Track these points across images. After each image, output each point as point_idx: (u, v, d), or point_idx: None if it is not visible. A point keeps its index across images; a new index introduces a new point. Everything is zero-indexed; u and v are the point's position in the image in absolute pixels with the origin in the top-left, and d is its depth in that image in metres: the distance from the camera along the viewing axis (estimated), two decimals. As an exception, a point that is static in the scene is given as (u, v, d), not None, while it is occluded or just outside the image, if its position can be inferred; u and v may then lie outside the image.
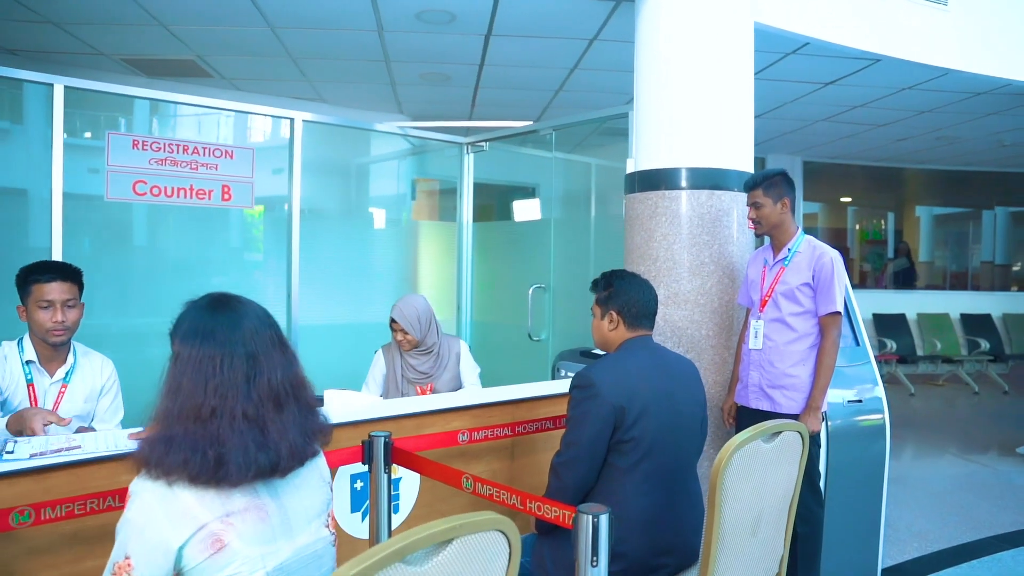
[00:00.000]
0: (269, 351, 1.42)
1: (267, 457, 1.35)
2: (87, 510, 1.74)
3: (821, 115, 7.07)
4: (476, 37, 4.83)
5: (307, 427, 1.45)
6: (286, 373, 1.43)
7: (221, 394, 1.34)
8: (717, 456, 1.92)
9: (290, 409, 1.42)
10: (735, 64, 3.56)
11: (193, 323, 1.41)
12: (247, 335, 1.40)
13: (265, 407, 1.38)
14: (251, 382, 1.37)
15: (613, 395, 2.14)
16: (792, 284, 3.05)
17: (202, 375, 1.35)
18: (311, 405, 1.50)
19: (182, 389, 1.35)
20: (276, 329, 1.48)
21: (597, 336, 2.44)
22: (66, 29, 4.77)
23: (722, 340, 3.51)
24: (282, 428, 1.38)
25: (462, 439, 2.40)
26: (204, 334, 1.39)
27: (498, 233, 5.38)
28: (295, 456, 1.41)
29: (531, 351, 4.69)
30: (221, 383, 1.35)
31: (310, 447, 1.47)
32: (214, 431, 1.32)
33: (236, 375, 1.36)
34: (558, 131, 4.61)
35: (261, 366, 1.39)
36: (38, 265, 2.50)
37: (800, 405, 3.01)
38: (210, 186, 3.95)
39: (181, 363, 1.38)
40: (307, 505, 1.47)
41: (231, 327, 1.40)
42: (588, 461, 2.16)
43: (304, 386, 1.48)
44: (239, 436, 1.33)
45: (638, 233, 3.63)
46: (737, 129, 3.59)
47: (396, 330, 3.30)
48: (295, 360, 1.48)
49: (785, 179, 3.12)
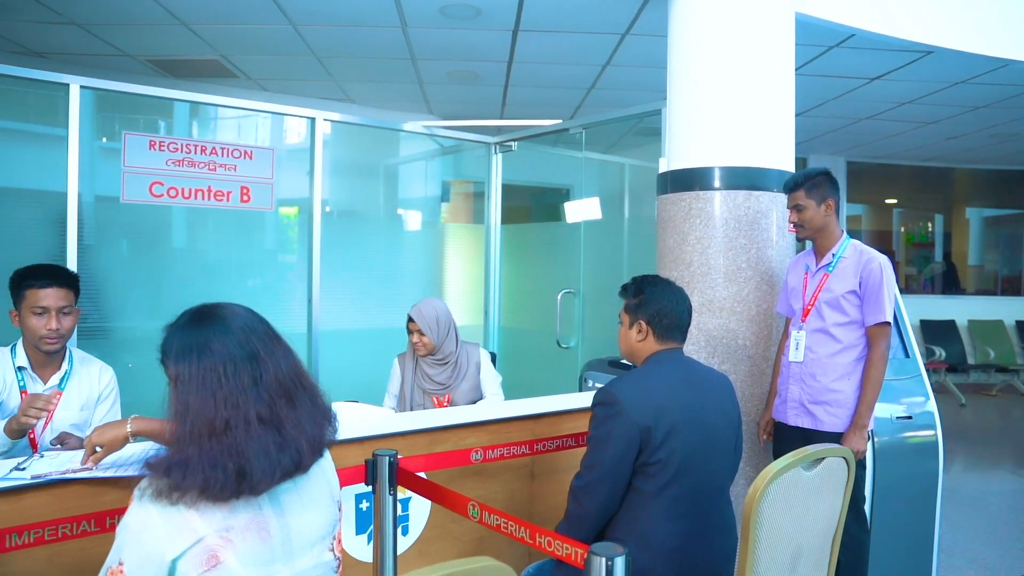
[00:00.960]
0: (268, 346, 1.38)
1: (289, 456, 1.32)
2: (58, 536, 1.61)
3: (866, 112, 6.77)
4: (503, 33, 4.68)
5: (318, 414, 1.42)
6: (289, 363, 1.40)
7: (232, 403, 1.30)
8: (752, 485, 1.73)
9: (302, 399, 1.39)
10: (775, 55, 3.36)
11: (183, 341, 1.35)
12: (241, 337, 1.35)
13: (278, 404, 1.34)
14: (259, 383, 1.33)
15: (638, 413, 1.97)
16: (837, 292, 2.84)
17: (208, 389, 1.30)
18: (315, 391, 1.46)
19: (191, 408, 1.30)
20: (266, 323, 1.44)
21: (623, 346, 2.26)
22: (90, 30, 4.73)
23: (760, 350, 3.31)
24: (298, 422, 1.35)
25: (475, 458, 2.23)
26: (199, 349, 1.33)
27: (527, 236, 5.21)
28: (315, 447, 1.38)
29: (559, 359, 4.52)
30: (230, 392, 1.30)
31: (326, 433, 1.44)
32: (231, 443, 1.28)
33: (242, 380, 1.32)
34: (588, 129, 4.42)
35: (264, 364, 1.35)
36: (33, 269, 2.39)
37: (844, 423, 2.81)
38: (228, 187, 3.85)
39: (183, 383, 1.32)
40: (313, 526, 1.41)
41: (223, 334, 1.35)
42: (610, 485, 2.00)
43: (304, 373, 1.45)
44: (257, 441, 1.29)
45: (671, 236, 3.44)
46: (777, 125, 3.39)
47: (412, 331, 3.17)
48: (291, 350, 1.44)
49: (829, 179, 2.91)
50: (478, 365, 3.26)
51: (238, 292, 4.19)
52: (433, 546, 2.35)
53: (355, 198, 4.90)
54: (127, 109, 3.83)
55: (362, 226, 4.68)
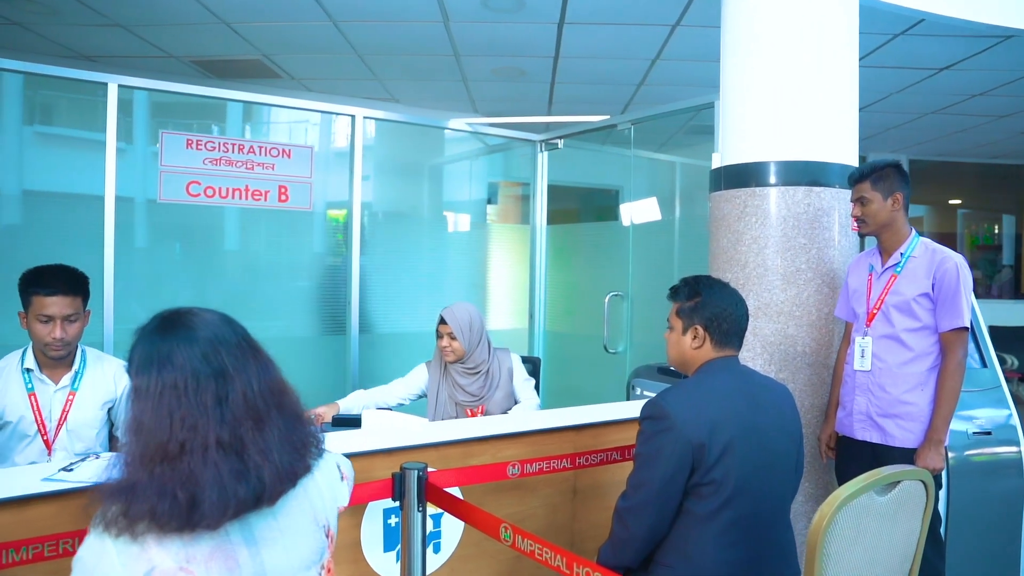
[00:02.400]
0: (239, 361, 1.23)
1: (248, 487, 1.16)
2: (59, 551, 1.51)
3: (932, 106, 6.40)
4: (548, 26, 4.51)
5: (295, 439, 1.27)
6: (263, 381, 1.25)
7: (190, 425, 1.15)
8: (818, 512, 1.54)
9: (272, 423, 1.23)
10: (837, 41, 3.13)
11: (145, 351, 1.21)
12: (209, 349, 1.21)
13: (243, 427, 1.19)
14: (223, 403, 1.19)
15: (691, 429, 1.79)
16: (907, 295, 2.61)
17: (164, 408, 1.16)
18: (297, 413, 1.30)
19: (143, 428, 1.16)
20: (242, 334, 1.28)
21: (674, 353, 2.08)
22: (133, 31, 4.73)
23: (820, 358, 3.09)
24: (264, 448, 1.20)
25: (512, 472, 2.08)
26: (160, 361, 1.18)
27: (573, 237, 5.04)
28: (283, 477, 1.22)
29: (607, 364, 4.34)
30: (188, 412, 1.16)
31: (301, 463, 1.27)
32: (184, 470, 1.13)
33: (204, 399, 1.17)
34: (637, 125, 4.23)
35: (232, 381, 1.20)
36: (40, 274, 2.31)
37: (917, 437, 2.58)
38: (266, 187, 3.78)
39: (140, 399, 1.18)
40: (293, 557, 1.24)
41: (188, 344, 1.20)
42: (659, 507, 1.82)
43: (286, 392, 1.29)
44: (213, 469, 1.14)
45: (724, 236, 3.24)
46: (839, 116, 3.16)
47: (443, 334, 3.01)
48: (272, 364, 1.29)
49: (898, 171, 2.68)
50: (510, 371, 3.11)
51: (278, 294, 4.12)
52: (467, 565, 2.20)
53: (397, 198, 4.80)
54: (173, 114, 3.79)
55: (404, 227, 4.57)
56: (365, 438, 2.12)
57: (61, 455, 2.35)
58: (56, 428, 2.34)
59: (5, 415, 2.31)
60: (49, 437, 2.33)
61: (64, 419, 2.34)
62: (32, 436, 2.34)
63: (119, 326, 3.43)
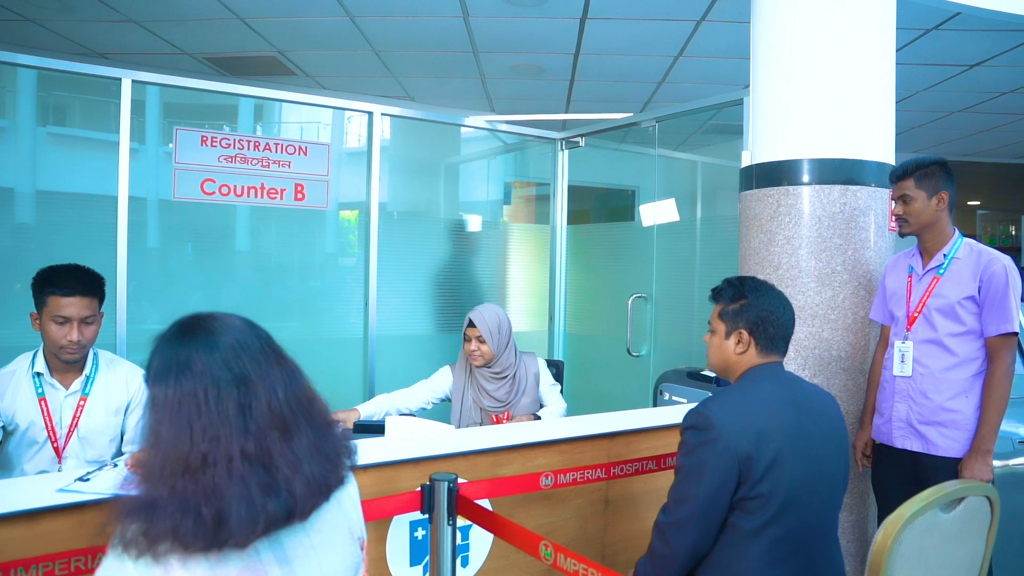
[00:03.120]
0: (263, 368, 1.15)
1: (279, 502, 1.08)
2: (71, 569, 1.41)
3: (959, 104, 6.26)
4: (570, 21, 4.41)
5: (326, 449, 1.18)
6: (289, 389, 1.16)
7: (211, 436, 1.07)
8: (881, 532, 1.44)
9: (301, 433, 1.15)
10: (874, 33, 3.02)
11: (163, 358, 1.12)
12: (230, 355, 1.13)
13: (269, 438, 1.11)
14: (247, 412, 1.10)
15: (738, 440, 1.69)
16: (952, 298, 2.50)
17: (184, 418, 1.07)
18: (327, 422, 1.22)
19: (162, 440, 1.07)
20: (266, 339, 1.20)
21: (716, 358, 1.97)
22: (147, 27, 4.66)
23: (856, 362, 2.99)
24: (293, 460, 1.12)
25: (545, 483, 1.98)
26: (178, 368, 1.10)
27: (594, 237, 4.92)
28: (316, 490, 1.14)
29: (630, 368, 4.23)
30: (210, 422, 1.07)
31: (335, 474, 1.19)
32: (208, 483, 1.05)
33: (226, 407, 1.09)
34: (662, 123, 4.12)
35: (255, 388, 1.12)
36: (57, 273, 2.22)
37: (962, 447, 2.47)
38: (282, 185, 3.69)
39: (157, 408, 1.09)
40: (327, 573, 1.16)
41: (208, 350, 1.12)
42: (704, 522, 1.72)
43: (314, 400, 1.21)
44: (239, 483, 1.05)
45: (756, 236, 3.13)
46: (876, 112, 3.05)
47: (470, 337, 2.92)
48: (298, 372, 1.21)
49: (943, 169, 2.58)
50: (536, 376, 3.03)
51: (292, 294, 4.04)
52: (496, 581, 2.11)
53: (412, 198, 4.72)
54: (185, 115, 3.71)
55: (421, 227, 4.48)
56: (390, 447, 2.02)
57: (72, 463, 2.26)
58: (67, 435, 2.25)
59: (15, 421, 2.23)
60: (59, 444, 2.24)
61: (75, 426, 2.26)
62: (42, 443, 2.24)
63: (132, 327, 3.35)
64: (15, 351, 2.35)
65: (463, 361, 3.02)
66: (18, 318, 2.59)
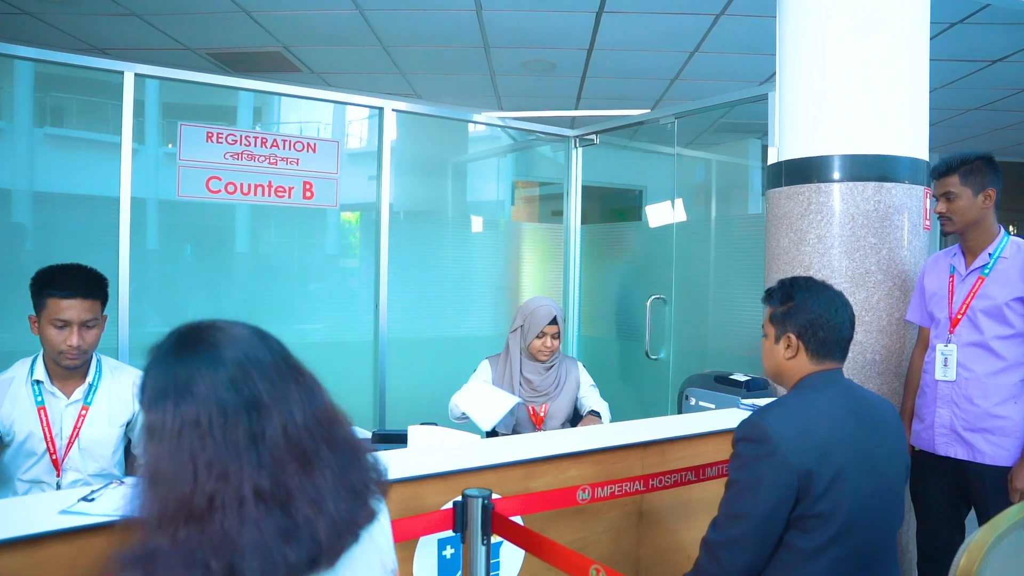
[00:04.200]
0: (277, 387, 0.98)
1: (300, 549, 0.92)
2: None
3: (977, 102, 6.13)
4: (586, 15, 4.29)
5: (354, 481, 1.02)
6: (309, 411, 1.00)
7: (219, 472, 0.91)
8: (965, 554, 1.32)
9: (324, 463, 0.99)
10: (907, 23, 2.91)
11: (159, 378, 0.97)
12: (238, 374, 0.96)
13: (287, 472, 0.95)
14: (259, 441, 0.94)
15: (796, 454, 1.57)
16: (998, 299, 2.39)
17: (185, 451, 0.92)
18: (353, 446, 1.05)
19: (161, 478, 0.92)
20: (280, 352, 1.03)
21: (769, 363, 1.85)
22: (149, 21, 4.54)
23: (891, 366, 2.88)
24: (316, 496, 0.96)
25: (582, 497, 1.85)
26: (177, 390, 0.95)
27: (611, 236, 4.80)
28: (343, 531, 0.98)
29: (648, 372, 4.10)
30: (216, 456, 0.92)
31: (363, 510, 1.03)
32: (217, 531, 0.89)
33: (235, 437, 0.93)
34: (681, 119, 3.99)
35: (269, 412, 0.96)
36: (56, 274, 2.07)
37: (1012, 454, 2.36)
38: (290, 183, 3.56)
39: (154, 440, 0.94)
40: None
41: (212, 368, 0.96)
42: (758, 542, 1.60)
43: (337, 421, 1.04)
44: (252, 529, 0.90)
45: (785, 235, 3.02)
46: (910, 106, 2.94)
47: (547, 334, 2.92)
48: (318, 388, 1.04)
49: (989, 164, 2.46)
50: (577, 381, 3.03)
51: (301, 297, 3.91)
52: (528, 602, 1.98)
53: (423, 197, 4.60)
54: (186, 115, 3.57)
55: (431, 227, 4.35)
56: (414, 460, 1.89)
57: (72, 476, 2.12)
58: (67, 446, 2.10)
59: (12, 430, 2.08)
60: (58, 456, 2.09)
61: (76, 436, 2.11)
62: (40, 455, 2.10)
63: (134, 330, 3.22)
64: (14, 356, 2.21)
65: (505, 354, 3.01)
66: (16, 321, 2.45)
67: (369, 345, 3.87)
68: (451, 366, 3.95)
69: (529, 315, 2.94)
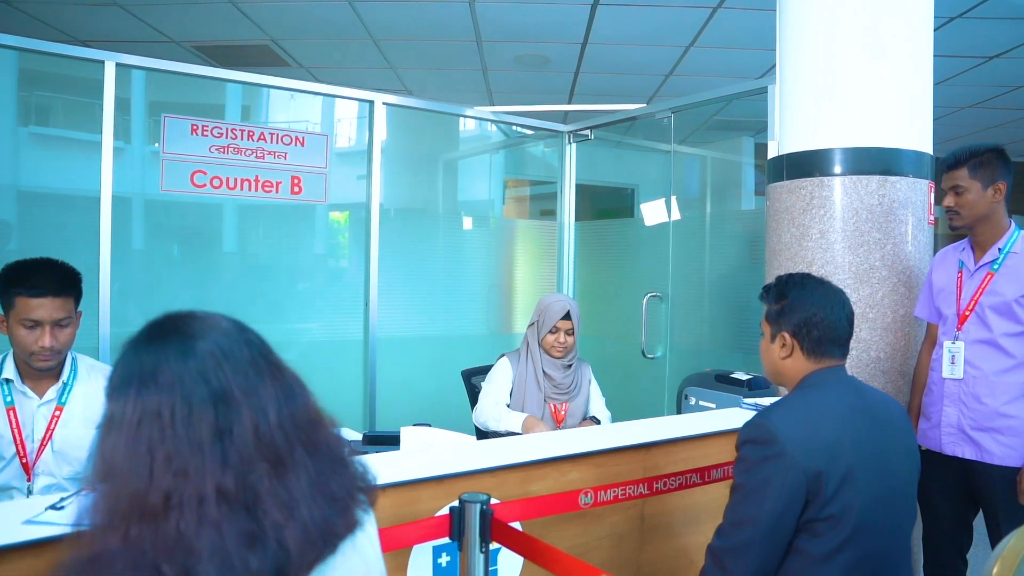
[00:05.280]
0: (250, 381, 0.91)
1: (264, 555, 0.84)
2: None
3: (971, 99, 6.10)
4: (582, 7, 4.21)
5: (335, 487, 0.94)
6: (285, 410, 0.92)
7: (178, 468, 0.84)
8: (997, 565, 1.24)
9: (299, 466, 0.91)
10: (912, 13, 2.85)
11: (126, 366, 0.89)
12: (209, 364, 0.89)
13: (254, 472, 0.87)
14: (226, 437, 0.86)
15: (805, 455, 1.50)
16: (1008, 296, 2.33)
17: (143, 444, 0.84)
18: (337, 451, 0.98)
19: (115, 472, 0.84)
20: (259, 347, 0.95)
21: (766, 364, 1.79)
22: (132, 12, 4.43)
23: (896, 364, 2.82)
24: (287, 500, 0.88)
25: (584, 502, 1.77)
26: (141, 379, 0.87)
27: (605, 233, 4.72)
28: (317, 540, 0.89)
29: (645, 371, 4.02)
30: (176, 450, 0.84)
31: (344, 518, 0.94)
32: (171, 532, 0.81)
33: (198, 432, 0.85)
34: (678, 114, 3.91)
35: (238, 407, 0.88)
36: (24, 271, 1.95)
37: (1021, 454, 2.30)
38: (278, 177, 3.46)
39: (111, 431, 0.87)
40: None
41: (180, 358, 0.88)
42: (767, 547, 1.53)
43: (319, 424, 0.97)
44: (211, 531, 0.82)
45: (787, 230, 2.95)
46: (914, 99, 2.89)
47: (560, 329, 2.87)
48: (299, 388, 0.96)
49: (999, 157, 2.40)
50: (590, 382, 3.01)
51: (289, 296, 3.81)
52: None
53: (412, 194, 4.50)
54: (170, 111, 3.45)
55: (421, 224, 4.27)
56: (407, 464, 1.80)
57: (44, 480, 2.01)
58: (38, 449, 1.99)
59: None
60: (29, 460, 1.98)
61: (49, 438, 2.00)
62: (9, 458, 1.98)
63: (117, 330, 3.12)
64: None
65: (524, 350, 2.96)
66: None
67: (359, 344, 3.78)
68: (442, 365, 3.88)
69: (544, 310, 2.91)
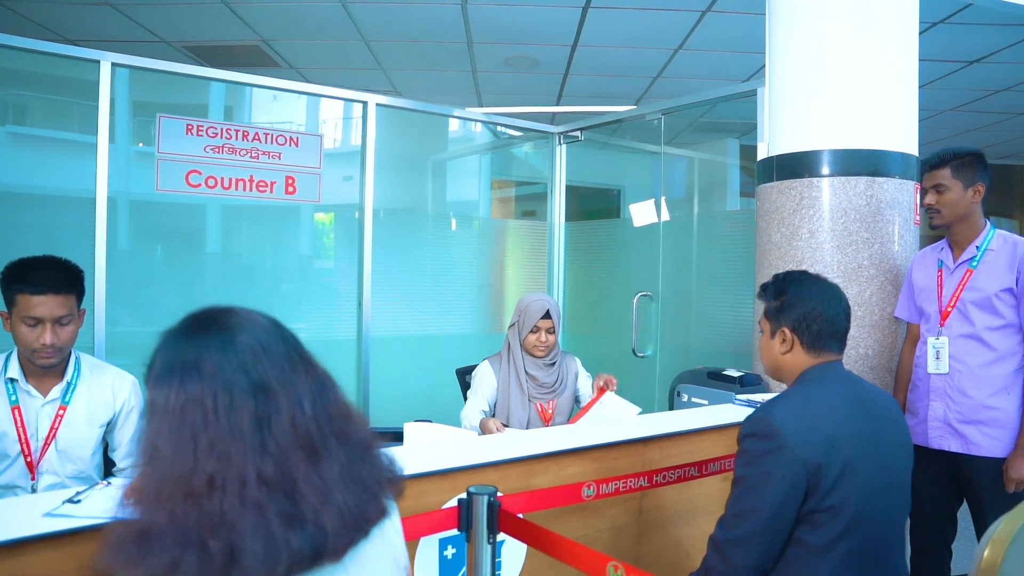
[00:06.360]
0: (287, 375, 0.96)
1: (303, 537, 0.89)
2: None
3: (951, 103, 6.20)
4: (572, 10, 4.25)
5: (365, 476, 0.99)
6: (319, 403, 0.98)
7: (220, 453, 0.89)
8: (988, 549, 1.29)
9: (332, 456, 0.96)
10: (897, 19, 2.92)
11: (168, 356, 0.94)
12: (249, 358, 0.94)
13: (292, 460, 0.92)
14: (264, 426, 0.92)
15: (804, 448, 1.54)
16: (988, 291, 2.41)
17: (187, 429, 0.89)
18: (366, 442, 1.03)
19: (160, 455, 0.89)
20: (292, 343, 1.02)
21: (767, 360, 1.83)
22: (123, 11, 4.41)
23: (883, 361, 2.89)
24: (322, 487, 0.93)
25: (587, 494, 1.81)
26: (184, 368, 0.92)
27: (595, 234, 4.76)
28: (351, 524, 0.95)
29: (635, 369, 4.07)
30: (218, 436, 0.89)
31: (374, 504, 1.00)
32: (215, 511, 0.86)
33: (240, 419, 0.91)
34: (669, 115, 3.96)
35: (277, 399, 0.94)
36: (26, 268, 1.95)
37: (1006, 446, 2.37)
38: (272, 177, 3.47)
39: (156, 417, 0.91)
40: None
41: (222, 350, 0.94)
42: (768, 538, 1.57)
43: (349, 417, 1.03)
44: (255, 513, 0.87)
45: (777, 230, 3.01)
46: (900, 102, 2.96)
47: (541, 328, 2.86)
48: (330, 382, 1.03)
49: (980, 161, 2.49)
50: (576, 375, 3.01)
51: (283, 296, 3.82)
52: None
53: (403, 195, 4.52)
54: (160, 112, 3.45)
55: (412, 224, 4.29)
56: (413, 458, 1.83)
57: (48, 479, 2.02)
58: (43, 447, 2.00)
59: None
60: (33, 458, 1.99)
61: (52, 437, 2.01)
62: (14, 457, 1.99)
63: (111, 330, 3.12)
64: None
65: (506, 352, 2.94)
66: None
67: (352, 343, 3.80)
68: (435, 364, 3.90)
69: (523, 310, 2.90)
